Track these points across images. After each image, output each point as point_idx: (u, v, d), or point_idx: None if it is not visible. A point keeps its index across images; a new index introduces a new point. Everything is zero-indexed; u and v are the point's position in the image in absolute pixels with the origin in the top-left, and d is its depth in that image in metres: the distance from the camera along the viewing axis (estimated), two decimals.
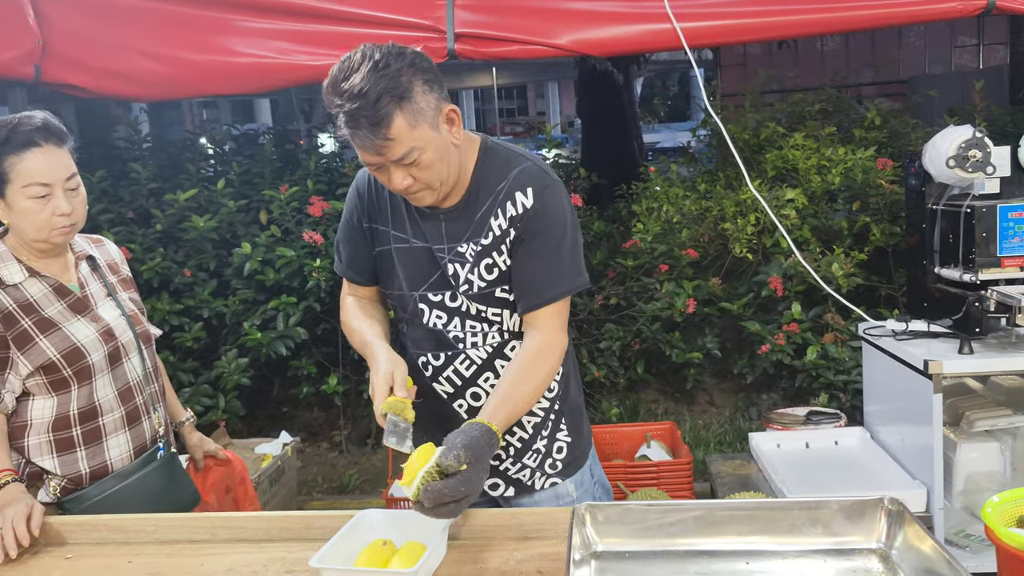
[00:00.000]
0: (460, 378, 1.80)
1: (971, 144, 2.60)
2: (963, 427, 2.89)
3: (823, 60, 9.02)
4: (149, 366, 2.04)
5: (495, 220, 1.70)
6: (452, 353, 1.78)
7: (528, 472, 1.85)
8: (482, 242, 1.70)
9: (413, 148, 1.55)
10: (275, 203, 4.30)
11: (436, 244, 1.73)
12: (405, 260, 1.77)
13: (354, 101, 1.49)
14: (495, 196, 1.70)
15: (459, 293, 1.73)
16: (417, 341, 1.82)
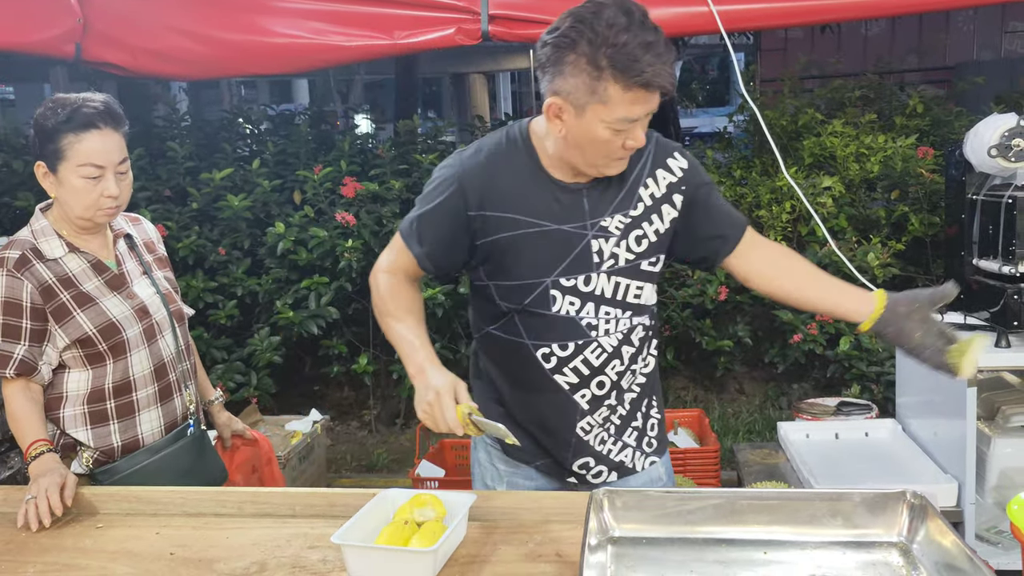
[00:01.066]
0: (588, 367, 1.72)
1: (1015, 133, 2.53)
2: (998, 421, 2.84)
3: (866, 45, 8.84)
4: (182, 344, 2.08)
5: (645, 189, 1.68)
6: (583, 342, 1.70)
7: (629, 452, 1.82)
8: (631, 213, 1.67)
9: (653, 109, 1.52)
10: (309, 183, 4.33)
11: (575, 222, 1.65)
12: (536, 245, 1.66)
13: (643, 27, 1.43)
14: (642, 165, 1.68)
15: (602, 271, 1.67)
16: (539, 331, 1.71)
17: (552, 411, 1.76)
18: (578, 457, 1.78)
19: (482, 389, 1.87)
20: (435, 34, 3.29)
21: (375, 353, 4.60)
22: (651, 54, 1.43)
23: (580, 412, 1.74)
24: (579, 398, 1.74)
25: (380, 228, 4.28)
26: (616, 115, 1.49)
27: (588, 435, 1.77)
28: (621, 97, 1.46)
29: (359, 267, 4.20)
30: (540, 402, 1.76)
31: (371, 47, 3.36)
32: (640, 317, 1.75)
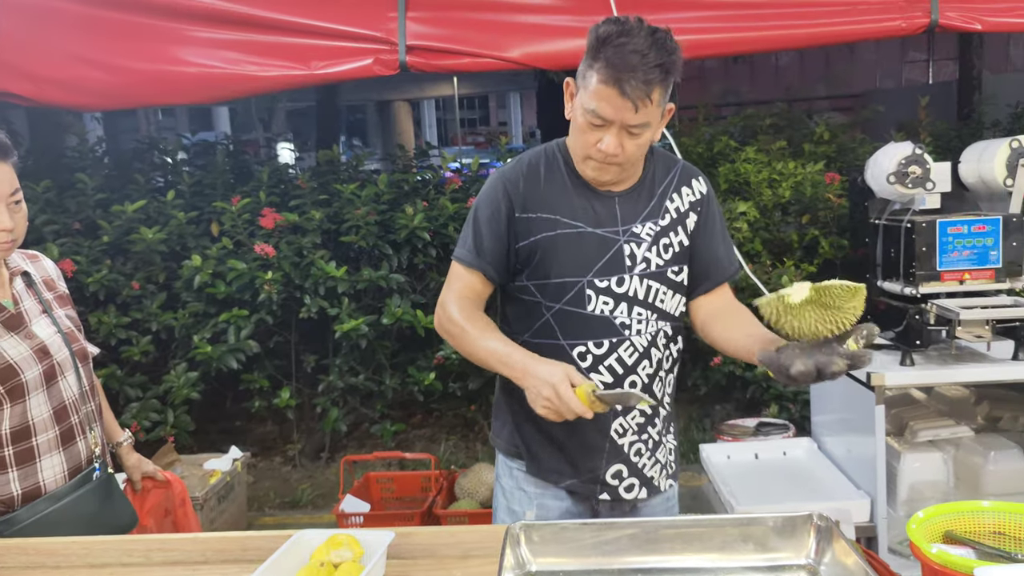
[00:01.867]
0: (622, 366, 1.79)
1: (911, 160, 2.65)
2: (907, 437, 2.94)
3: (778, 74, 9.19)
4: (86, 385, 1.99)
5: (671, 203, 1.82)
6: (617, 340, 1.78)
7: (658, 470, 1.88)
8: (660, 223, 1.80)
9: (647, 123, 1.63)
10: (227, 215, 4.24)
11: (608, 227, 1.78)
12: (573, 245, 1.77)
13: (635, 54, 1.56)
14: (668, 182, 1.83)
15: (634, 274, 1.77)
16: (574, 330, 1.79)
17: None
18: (612, 463, 1.83)
19: (511, 406, 1.89)
20: (353, 64, 3.29)
21: (298, 386, 4.52)
22: (639, 68, 1.57)
23: (613, 412, 1.81)
24: None
25: (300, 259, 4.22)
26: (588, 104, 1.64)
27: (622, 439, 1.83)
28: (596, 88, 1.61)
29: (279, 299, 4.13)
30: None
31: (287, 77, 3.34)
32: (666, 323, 1.84)
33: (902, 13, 3.13)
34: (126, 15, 3.36)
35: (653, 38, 1.60)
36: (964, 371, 2.65)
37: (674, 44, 1.64)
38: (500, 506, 1.94)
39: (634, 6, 3.17)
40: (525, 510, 1.87)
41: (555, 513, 1.86)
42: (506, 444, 1.93)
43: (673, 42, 1.64)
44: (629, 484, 1.85)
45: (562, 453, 1.83)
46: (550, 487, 1.87)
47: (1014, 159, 2.58)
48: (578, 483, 1.85)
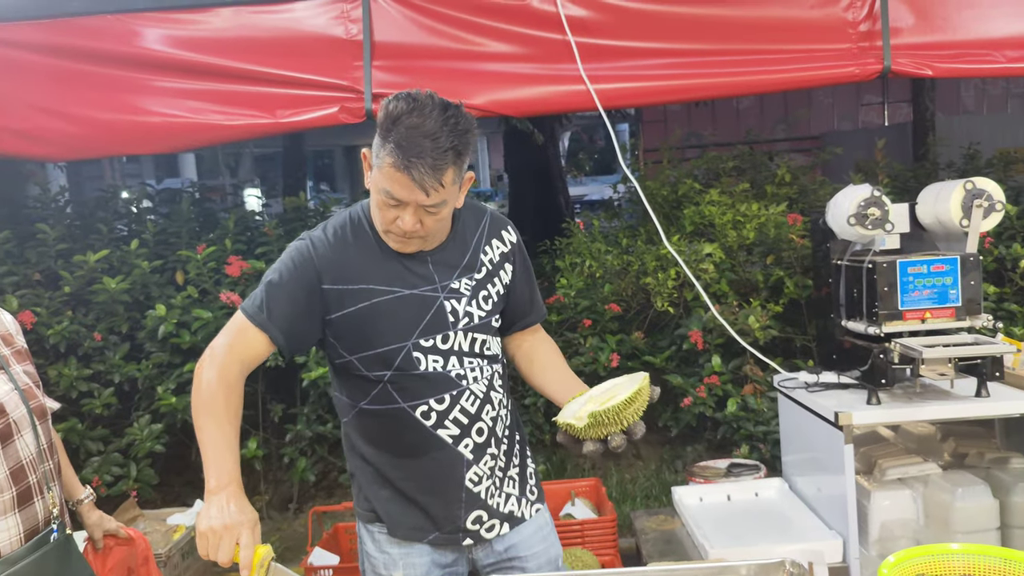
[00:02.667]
0: (466, 416, 1.81)
1: (870, 203, 2.70)
2: (876, 475, 2.95)
3: (739, 117, 9.38)
4: (44, 442, 1.94)
5: (485, 256, 1.86)
6: (456, 392, 1.80)
7: (514, 501, 1.91)
8: (475, 276, 1.83)
9: (444, 201, 1.65)
10: (192, 263, 4.20)
11: (425, 286, 1.78)
12: (392, 311, 1.75)
13: (425, 139, 1.57)
14: (479, 235, 1.86)
15: (458, 329, 1.79)
16: (412, 392, 1.78)
17: (440, 469, 1.81)
18: (471, 511, 1.84)
19: (364, 472, 1.85)
20: (319, 113, 3.30)
21: (264, 436, 4.44)
22: (429, 152, 1.56)
23: (466, 463, 1.81)
24: (463, 448, 1.81)
25: None
26: (381, 183, 1.63)
27: (478, 487, 1.83)
28: (387, 170, 1.60)
29: None
30: (426, 464, 1.81)
31: (253, 126, 3.34)
32: (496, 365, 1.89)
33: (855, 60, 3.22)
34: (89, 65, 3.34)
35: (444, 116, 1.59)
36: (929, 409, 2.68)
37: (468, 122, 1.63)
38: (366, 570, 1.91)
39: (596, 54, 3.25)
40: (392, 572, 1.85)
41: (423, 568, 1.85)
42: (363, 510, 1.90)
43: (467, 120, 1.63)
44: (490, 525, 1.88)
45: (419, 510, 1.83)
46: (414, 545, 1.85)
47: (968, 200, 2.65)
48: (440, 536, 1.84)
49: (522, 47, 3.29)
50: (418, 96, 1.60)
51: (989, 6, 3.22)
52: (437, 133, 1.57)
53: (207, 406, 1.65)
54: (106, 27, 3.32)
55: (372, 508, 1.88)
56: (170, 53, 3.32)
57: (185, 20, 3.32)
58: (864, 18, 3.21)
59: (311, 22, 3.30)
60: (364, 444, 1.84)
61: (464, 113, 1.64)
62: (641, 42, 3.31)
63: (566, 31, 3.22)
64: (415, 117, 1.58)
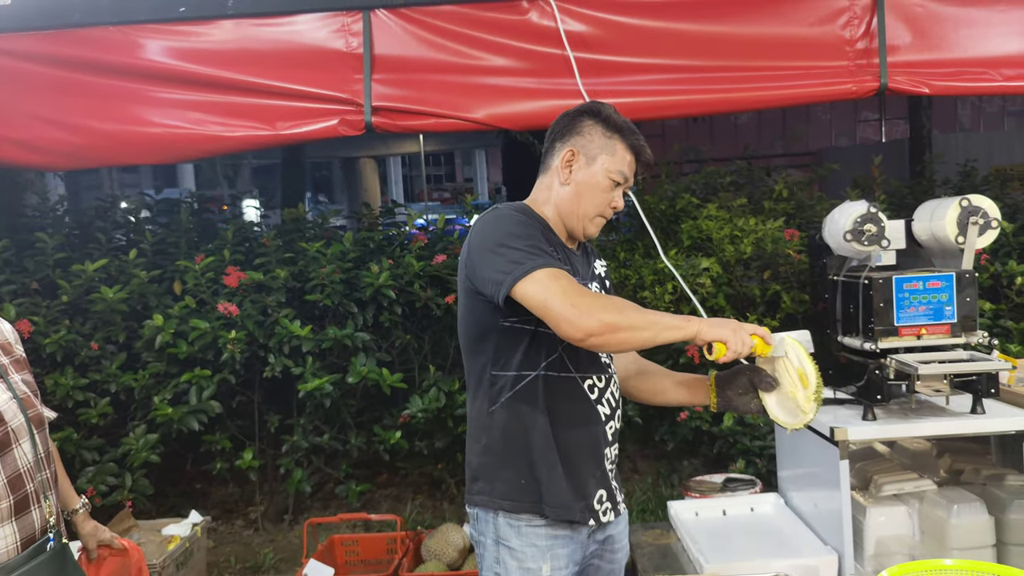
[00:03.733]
0: (614, 399, 2.00)
1: (866, 219, 2.72)
2: (872, 491, 2.95)
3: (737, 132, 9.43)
4: (41, 451, 1.94)
5: (594, 269, 2.11)
6: (608, 376, 1.99)
7: (619, 491, 2.05)
8: (593, 285, 2.04)
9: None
10: (190, 273, 4.20)
11: (581, 278, 1.98)
12: None
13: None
14: (589, 251, 2.12)
15: None
16: (582, 365, 1.93)
17: (591, 442, 1.95)
18: (599, 489, 1.96)
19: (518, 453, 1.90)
20: (318, 125, 3.32)
21: (261, 447, 4.44)
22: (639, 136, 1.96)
23: (607, 443, 1.98)
24: (608, 430, 1.99)
25: (264, 318, 4.18)
26: (618, 166, 1.94)
27: (611, 466, 2.01)
28: (624, 154, 1.95)
29: (242, 358, 4.08)
30: (583, 435, 1.94)
31: (252, 138, 3.35)
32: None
33: (853, 77, 3.24)
34: (90, 76, 3.36)
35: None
36: (924, 425, 2.68)
37: None
38: (511, 568, 1.92)
39: (596, 70, 3.27)
40: (541, 565, 1.91)
41: (563, 560, 1.93)
42: (513, 501, 1.92)
43: None
44: (606, 508, 1.99)
45: (575, 482, 1.92)
46: (558, 535, 1.92)
47: (964, 217, 2.66)
48: (578, 511, 1.92)
49: (521, 62, 3.32)
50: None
51: (986, 25, 3.25)
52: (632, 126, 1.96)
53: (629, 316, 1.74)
54: (107, 38, 3.34)
55: (527, 492, 1.90)
56: (171, 64, 3.34)
57: (187, 32, 3.35)
58: (861, 36, 3.24)
59: (312, 35, 3.32)
60: (537, 414, 1.89)
61: None
62: (640, 58, 3.34)
63: (565, 46, 3.24)
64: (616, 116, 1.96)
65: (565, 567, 1.93)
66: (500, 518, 1.93)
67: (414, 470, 4.83)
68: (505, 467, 1.93)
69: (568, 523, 1.93)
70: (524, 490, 1.91)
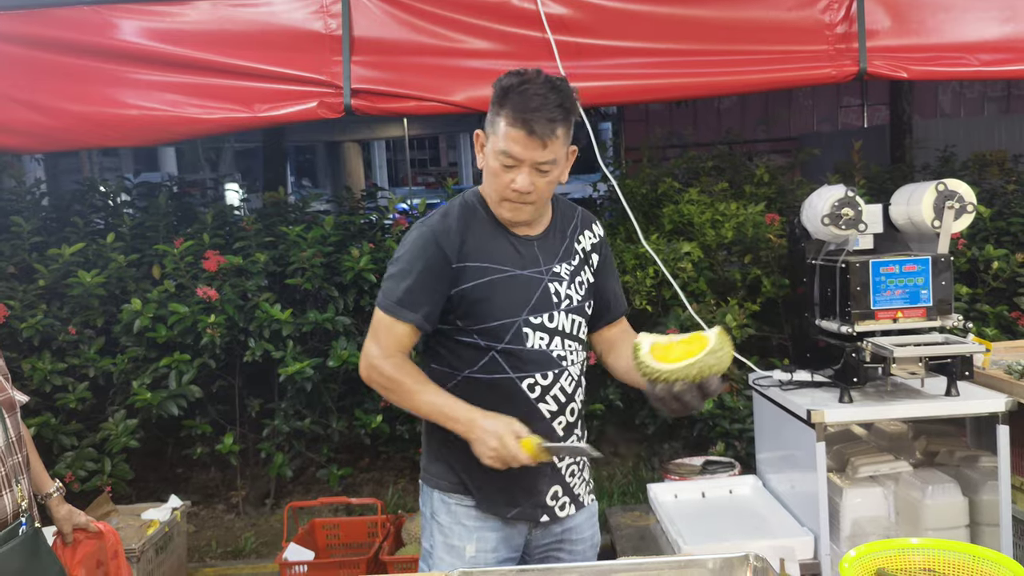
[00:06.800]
0: (564, 395, 1.94)
1: (844, 203, 2.73)
2: (848, 473, 2.98)
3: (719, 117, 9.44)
4: (12, 435, 1.93)
5: (578, 244, 2.01)
6: (558, 371, 1.93)
7: (582, 486, 2.03)
8: (572, 262, 1.98)
9: (555, 159, 1.80)
10: (169, 257, 4.17)
11: (532, 268, 1.92)
12: (507, 288, 1.89)
13: (537, 96, 1.74)
14: (573, 226, 2.02)
15: (560, 310, 1.93)
16: (519, 365, 1.90)
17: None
18: (552, 485, 1.96)
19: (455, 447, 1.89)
20: (297, 107, 3.29)
21: (242, 431, 4.43)
22: (541, 108, 1.75)
23: (557, 438, 1.94)
24: (556, 425, 1.95)
25: (244, 303, 4.16)
26: (501, 145, 1.79)
27: (561, 463, 1.97)
28: (505, 131, 1.78)
29: (223, 343, 4.06)
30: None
31: (230, 120, 3.32)
32: (584, 353, 2.03)
33: (832, 62, 3.25)
34: (65, 57, 3.31)
35: (551, 84, 1.78)
36: (900, 407, 2.72)
37: (570, 88, 1.82)
38: (437, 543, 1.98)
39: (576, 52, 3.26)
40: (465, 544, 1.94)
41: (492, 543, 1.94)
42: (448, 481, 1.97)
43: (569, 87, 1.82)
44: (563, 503, 1.99)
45: (509, 483, 1.91)
46: (490, 519, 1.95)
47: (940, 201, 2.68)
48: (521, 511, 1.95)
49: (502, 44, 3.30)
50: (526, 72, 1.80)
51: (963, 10, 3.26)
52: (547, 93, 1.76)
53: (401, 391, 1.89)
54: (82, 18, 3.29)
55: (461, 480, 1.95)
56: (147, 45, 3.30)
57: (162, 12, 3.30)
58: (841, 20, 3.24)
59: (289, 16, 3.28)
60: None
61: (567, 83, 1.82)
62: (620, 41, 3.33)
63: (546, 29, 3.22)
64: (525, 85, 1.76)
65: (494, 551, 1.94)
66: (435, 494, 2.00)
67: (395, 454, 4.83)
68: (444, 454, 1.97)
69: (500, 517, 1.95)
70: (459, 476, 1.95)
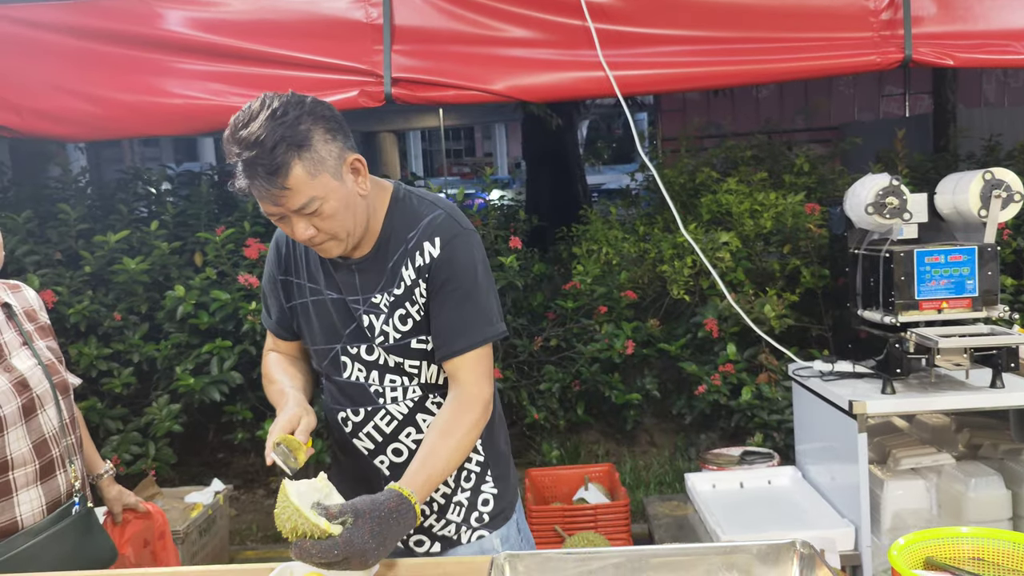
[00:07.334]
0: (381, 434, 1.75)
1: (888, 192, 2.70)
2: (889, 465, 2.96)
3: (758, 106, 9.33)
4: (66, 417, 1.98)
5: (405, 270, 1.66)
6: (372, 408, 1.74)
7: (454, 527, 1.80)
8: (395, 292, 1.67)
9: (313, 198, 1.52)
10: (210, 245, 4.24)
11: (350, 295, 1.70)
12: (321, 312, 1.73)
13: (251, 149, 1.46)
14: (405, 245, 1.66)
15: (375, 345, 1.69)
16: (336, 396, 1.78)
17: (360, 474, 1.80)
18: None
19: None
20: (338, 96, 3.30)
21: None
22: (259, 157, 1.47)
23: (383, 478, 1.76)
24: (379, 464, 1.78)
25: None
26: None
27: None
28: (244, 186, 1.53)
29: (262, 330, 4.11)
30: (350, 463, 1.82)
31: None
32: (436, 392, 1.73)
33: (876, 49, 3.19)
34: (111, 47, 3.37)
35: (271, 113, 1.49)
36: (944, 399, 2.68)
37: (305, 109, 1.52)
38: None
39: (617, 41, 3.24)
40: None
41: None
42: None
43: (305, 107, 1.52)
44: (418, 540, 1.80)
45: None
46: None
47: (987, 190, 2.63)
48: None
49: (542, 33, 3.29)
50: (252, 104, 1.52)
51: None
52: (262, 135, 1.46)
53: (265, 383, 1.85)
54: (129, 8, 3.34)
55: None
56: (192, 35, 3.34)
57: (207, 2, 3.34)
58: (886, 6, 3.18)
59: (331, 5, 3.31)
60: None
61: (301, 99, 1.54)
62: (660, 29, 3.30)
63: (586, 17, 3.21)
64: (242, 129, 1.48)
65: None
66: None
67: None
68: None
69: None
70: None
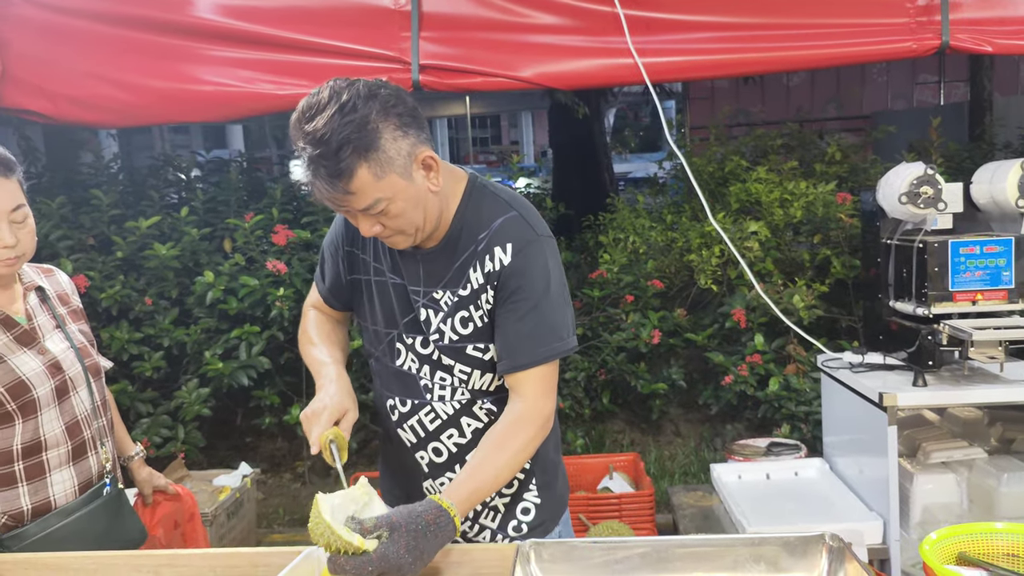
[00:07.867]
0: (424, 429, 1.71)
1: (923, 181, 2.65)
2: (919, 458, 2.91)
3: (788, 95, 9.21)
4: (98, 399, 2.00)
5: (473, 272, 1.58)
6: (419, 402, 1.70)
7: (489, 533, 1.75)
8: (460, 292, 1.60)
9: (379, 199, 1.44)
10: (239, 231, 4.27)
11: (412, 285, 1.64)
12: (381, 295, 1.68)
13: (315, 147, 1.38)
14: (476, 245, 1.58)
15: (430, 341, 1.65)
16: (386, 382, 1.74)
17: (401, 461, 1.79)
18: None
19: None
20: None
21: (308, 403, 4.52)
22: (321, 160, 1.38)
23: (422, 473, 1.75)
24: (419, 459, 1.75)
25: (312, 276, 4.24)
26: None
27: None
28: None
29: (290, 316, 4.14)
30: (394, 452, 1.80)
31: (301, 96, 3.35)
32: (485, 399, 1.67)
33: (913, 35, 3.13)
34: (142, 33, 3.40)
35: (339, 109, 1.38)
36: (977, 392, 2.63)
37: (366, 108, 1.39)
38: None
39: (646, 27, 3.22)
40: None
41: None
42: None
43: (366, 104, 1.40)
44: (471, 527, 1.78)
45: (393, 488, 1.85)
46: None
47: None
48: None
49: (570, 19, 3.27)
50: (321, 91, 1.43)
51: None
52: (327, 134, 1.36)
53: (302, 341, 1.83)
54: None
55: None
56: (222, 22, 3.36)
57: None
58: None
59: None
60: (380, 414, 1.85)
61: (372, 92, 1.43)
62: (690, 15, 3.27)
63: (615, 3, 3.19)
64: (308, 122, 1.39)
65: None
66: None
67: None
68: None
69: None
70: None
